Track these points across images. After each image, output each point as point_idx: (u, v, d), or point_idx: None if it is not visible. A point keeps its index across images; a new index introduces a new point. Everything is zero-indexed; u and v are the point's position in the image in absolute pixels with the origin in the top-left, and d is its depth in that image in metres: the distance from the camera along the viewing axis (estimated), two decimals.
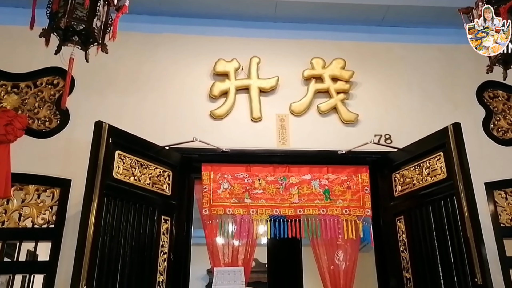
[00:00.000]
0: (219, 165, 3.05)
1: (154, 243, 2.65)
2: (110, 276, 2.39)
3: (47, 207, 2.75)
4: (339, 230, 3.03)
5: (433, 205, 2.79)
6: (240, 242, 3.02)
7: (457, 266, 2.57)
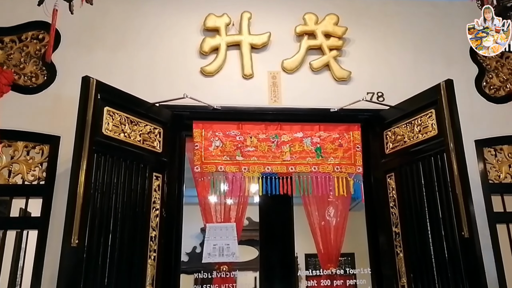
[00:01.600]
0: (211, 122, 3.02)
1: (146, 199, 2.66)
2: (103, 231, 2.41)
3: (36, 163, 2.73)
4: (330, 187, 3.06)
5: (423, 161, 2.81)
6: (232, 199, 3.04)
7: (445, 221, 2.62)
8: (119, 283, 2.42)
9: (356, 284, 3.01)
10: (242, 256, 3.13)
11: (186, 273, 3.73)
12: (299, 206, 3.15)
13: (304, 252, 4.13)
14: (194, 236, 4.79)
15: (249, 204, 3.13)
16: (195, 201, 3.06)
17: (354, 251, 3.87)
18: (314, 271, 3.03)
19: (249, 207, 3.15)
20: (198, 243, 4.77)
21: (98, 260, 2.36)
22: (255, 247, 3.27)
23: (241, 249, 3.16)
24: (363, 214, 3.18)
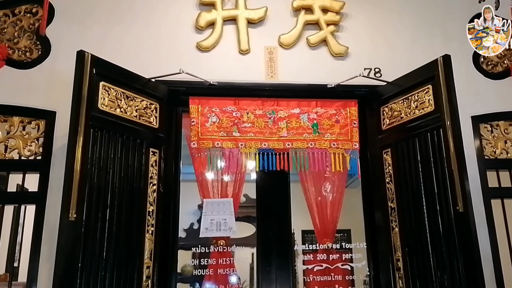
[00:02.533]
0: (207, 98, 3.01)
1: (143, 175, 2.66)
2: (100, 206, 2.42)
3: (33, 139, 2.72)
4: (327, 163, 3.07)
5: (419, 137, 2.82)
6: (229, 175, 3.05)
7: (440, 196, 2.64)
8: (118, 257, 2.44)
9: (351, 259, 3.05)
10: (240, 232, 3.16)
11: (184, 249, 3.77)
12: (296, 183, 3.17)
13: (300, 229, 4.16)
14: (191, 213, 4.81)
15: (246, 181, 3.14)
16: (192, 178, 3.07)
17: (350, 228, 3.91)
18: (310, 246, 3.06)
19: (246, 184, 3.17)
20: (195, 220, 4.80)
21: (96, 234, 2.38)
22: (252, 224, 3.29)
23: (239, 226, 3.19)
24: (359, 191, 3.20)
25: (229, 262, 2.93)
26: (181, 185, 3.00)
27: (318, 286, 2.94)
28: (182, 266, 4.48)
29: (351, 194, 3.43)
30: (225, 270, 2.89)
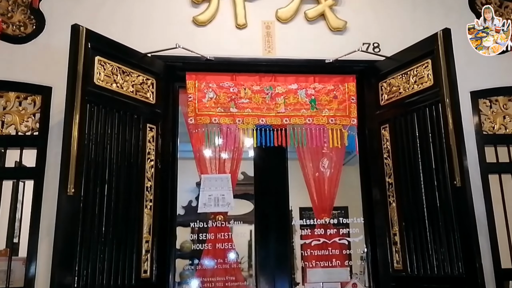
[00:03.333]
0: (204, 73, 2.98)
1: (141, 150, 2.66)
2: (98, 181, 2.42)
3: (29, 114, 2.71)
4: (325, 139, 3.07)
5: (418, 112, 2.81)
6: (227, 151, 3.05)
7: (438, 171, 2.65)
8: (117, 231, 2.46)
9: (349, 233, 3.07)
10: (238, 209, 3.17)
11: (182, 226, 3.80)
12: (293, 161, 3.16)
13: (298, 206, 4.18)
14: (189, 190, 4.84)
15: (244, 158, 3.14)
16: (191, 156, 3.07)
17: (347, 205, 3.93)
18: (308, 221, 3.08)
19: (244, 161, 3.17)
20: (193, 197, 4.83)
21: (95, 208, 2.39)
22: (250, 201, 3.31)
23: (237, 203, 3.20)
24: (357, 168, 3.20)
25: (227, 237, 2.95)
26: (179, 163, 3.00)
27: (316, 260, 2.97)
28: (181, 243, 4.52)
29: (348, 172, 3.44)
30: (223, 244, 2.91)
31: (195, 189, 4.98)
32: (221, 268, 2.90)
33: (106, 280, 2.37)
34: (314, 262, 2.97)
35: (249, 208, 3.51)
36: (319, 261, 2.97)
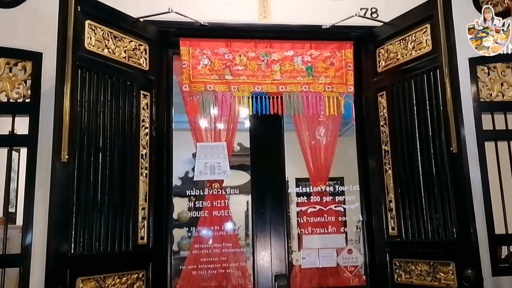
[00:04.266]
0: (198, 40, 2.92)
1: (135, 118, 2.63)
2: (92, 148, 2.40)
3: (20, 81, 2.66)
4: (321, 107, 3.04)
5: (415, 79, 2.78)
6: (222, 119, 3.02)
7: (434, 137, 2.64)
8: (112, 199, 2.45)
9: (344, 201, 3.08)
10: (234, 180, 3.17)
11: (179, 196, 3.80)
12: (290, 132, 3.14)
13: (295, 177, 4.18)
14: (186, 161, 4.81)
15: (240, 130, 3.11)
16: (186, 127, 3.04)
17: (343, 176, 3.93)
18: (304, 188, 3.09)
19: (240, 132, 3.14)
20: (190, 168, 4.81)
21: (90, 176, 2.37)
22: (247, 172, 3.30)
23: (233, 174, 3.21)
24: (353, 139, 3.18)
25: (224, 204, 2.95)
26: (175, 134, 2.97)
27: (312, 227, 2.99)
28: (179, 213, 4.53)
29: (345, 143, 3.42)
30: (219, 212, 2.92)
31: (191, 160, 4.96)
32: (218, 235, 2.92)
33: (103, 246, 2.38)
34: (310, 229, 2.99)
35: (246, 179, 3.51)
36: (315, 228, 2.99)
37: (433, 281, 2.58)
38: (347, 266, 2.99)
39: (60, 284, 2.13)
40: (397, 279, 2.78)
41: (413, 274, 2.70)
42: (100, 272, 2.35)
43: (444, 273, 2.54)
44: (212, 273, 2.86)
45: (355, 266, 3.00)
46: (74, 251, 2.25)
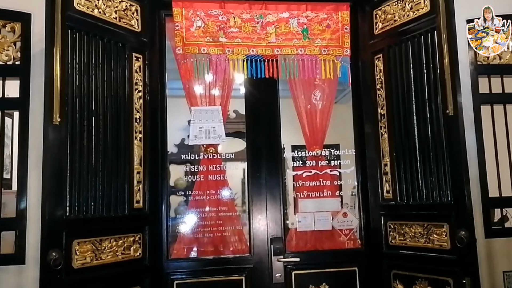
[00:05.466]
0: (191, 1, 2.85)
1: (128, 81, 2.58)
2: (84, 111, 2.36)
3: (9, 43, 2.60)
4: (317, 70, 3.00)
5: (413, 41, 2.74)
6: (217, 83, 2.98)
7: (431, 101, 2.62)
8: (106, 162, 2.44)
9: (340, 165, 3.08)
10: (230, 148, 3.15)
11: (175, 163, 3.80)
12: (285, 99, 3.10)
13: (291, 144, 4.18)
14: (181, 129, 4.78)
15: (236, 97, 3.08)
16: (181, 94, 3.00)
17: (339, 143, 3.92)
18: (300, 153, 3.08)
19: (236, 99, 3.11)
20: (186, 135, 4.80)
21: (83, 139, 2.35)
22: (243, 139, 3.28)
23: (230, 142, 3.18)
24: (349, 106, 3.15)
25: (220, 169, 2.95)
26: (170, 101, 2.93)
27: (307, 191, 3.00)
28: (175, 180, 4.55)
29: (341, 109, 3.40)
30: (215, 176, 2.93)
31: (187, 127, 4.93)
32: (214, 199, 2.93)
33: (99, 210, 2.38)
34: (306, 193, 3.01)
35: (242, 146, 3.50)
36: (311, 192, 3.01)
37: (426, 243, 2.61)
38: (342, 229, 3.03)
39: (56, 247, 2.13)
40: (391, 241, 2.81)
41: (407, 236, 2.72)
42: (96, 235, 2.36)
43: (437, 234, 2.56)
44: (209, 237, 2.90)
45: (350, 229, 3.04)
46: (69, 214, 2.24)
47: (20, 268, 2.50)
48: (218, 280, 2.77)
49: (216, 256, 2.86)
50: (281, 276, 2.79)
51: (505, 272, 2.95)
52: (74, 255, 2.24)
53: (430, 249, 2.58)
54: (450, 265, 2.46)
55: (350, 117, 3.15)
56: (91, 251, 2.32)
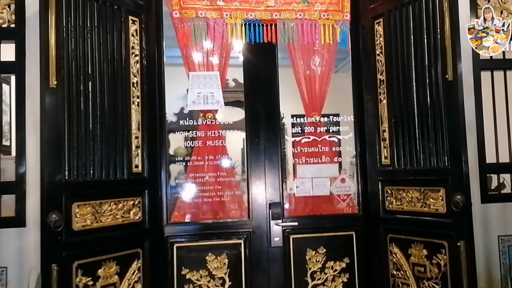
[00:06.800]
0: None
1: (124, 44, 2.55)
2: (81, 75, 2.34)
3: (3, 5, 2.56)
4: (316, 35, 2.97)
5: (413, 5, 2.70)
6: (215, 48, 2.94)
7: (430, 66, 2.60)
8: (104, 126, 2.43)
9: (339, 131, 3.08)
10: (230, 117, 3.14)
11: (175, 132, 3.80)
12: (285, 68, 3.07)
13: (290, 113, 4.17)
14: (180, 98, 4.76)
15: (236, 65, 3.04)
16: (180, 62, 2.97)
17: (339, 112, 3.91)
18: (298, 119, 3.08)
19: (235, 68, 3.08)
20: (185, 104, 4.78)
21: (80, 103, 2.33)
22: (242, 108, 3.27)
23: (229, 111, 3.17)
24: (349, 76, 3.13)
25: (218, 134, 2.96)
26: (169, 70, 2.90)
27: (306, 157, 3.02)
28: (175, 149, 4.56)
29: (341, 79, 3.37)
30: (214, 142, 2.93)
31: (186, 96, 4.92)
32: (213, 164, 2.94)
33: (98, 174, 2.39)
34: (304, 159, 3.02)
35: (242, 115, 3.50)
36: (309, 158, 3.02)
37: (423, 207, 2.64)
38: (340, 195, 3.05)
39: (56, 209, 2.15)
40: (388, 206, 2.84)
41: (404, 201, 2.75)
42: (96, 198, 2.38)
43: (433, 199, 2.59)
44: (208, 202, 2.93)
45: (348, 195, 3.06)
46: (68, 177, 2.25)
47: (21, 230, 2.53)
48: (218, 243, 2.82)
49: (215, 221, 2.89)
50: (280, 240, 2.84)
51: (500, 237, 2.99)
52: (74, 218, 2.26)
53: (426, 213, 2.61)
54: (446, 229, 2.49)
55: (350, 87, 3.14)
56: (91, 213, 2.34)
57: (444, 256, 2.50)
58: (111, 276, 2.41)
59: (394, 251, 2.77)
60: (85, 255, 2.29)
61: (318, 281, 2.89)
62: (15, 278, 2.52)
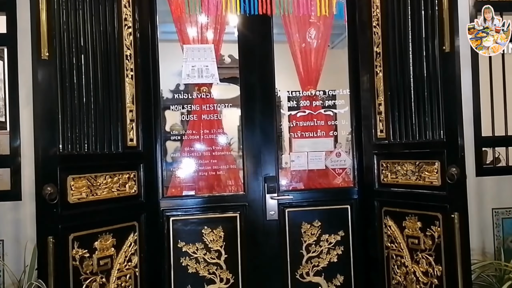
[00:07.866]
0: None
1: (117, 16, 2.50)
2: (73, 47, 2.30)
3: None
4: (312, 7, 2.92)
5: None
6: (209, 20, 2.90)
7: (428, 38, 2.56)
8: (98, 99, 2.41)
9: (335, 105, 3.07)
10: (226, 93, 3.12)
11: (171, 109, 3.78)
12: (280, 44, 3.03)
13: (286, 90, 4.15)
14: (176, 74, 4.72)
15: (231, 41, 2.99)
16: (174, 38, 2.92)
17: (335, 88, 3.88)
18: (294, 93, 3.06)
19: (231, 44, 3.03)
20: (181, 81, 4.75)
21: (73, 75, 2.30)
22: (238, 85, 3.25)
23: (225, 87, 3.15)
24: (345, 52, 3.08)
25: (213, 108, 2.94)
26: (164, 45, 2.85)
27: (301, 131, 3.01)
28: (171, 125, 4.54)
29: (338, 55, 3.34)
30: (209, 115, 2.92)
31: (181, 72, 4.89)
32: (208, 138, 2.94)
33: (92, 147, 2.38)
34: (300, 133, 3.02)
35: (238, 92, 3.48)
36: (305, 132, 3.02)
37: (417, 180, 2.64)
38: (335, 169, 3.06)
39: (51, 182, 2.15)
40: (383, 180, 2.84)
41: (399, 174, 2.75)
42: (91, 171, 2.37)
43: (428, 172, 2.59)
44: (203, 176, 2.94)
45: (343, 168, 3.07)
46: (62, 150, 2.24)
47: (17, 204, 2.55)
48: (214, 217, 2.84)
49: (211, 194, 2.91)
50: (275, 213, 2.86)
51: (494, 209, 3.02)
52: (70, 190, 2.27)
53: (421, 186, 2.62)
54: (440, 201, 2.50)
55: (346, 63, 3.10)
56: (87, 186, 2.35)
57: (438, 228, 2.52)
58: (108, 248, 2.43)
59: (388, 223, 2.79)
60: (81, 228, 2.30)
61: (313, 254, 2.92)
62: (11, 251, 2.54)
